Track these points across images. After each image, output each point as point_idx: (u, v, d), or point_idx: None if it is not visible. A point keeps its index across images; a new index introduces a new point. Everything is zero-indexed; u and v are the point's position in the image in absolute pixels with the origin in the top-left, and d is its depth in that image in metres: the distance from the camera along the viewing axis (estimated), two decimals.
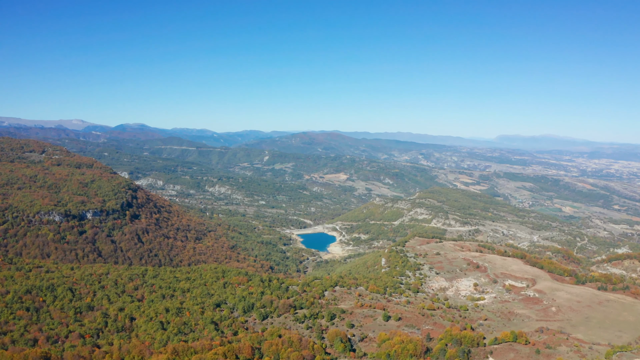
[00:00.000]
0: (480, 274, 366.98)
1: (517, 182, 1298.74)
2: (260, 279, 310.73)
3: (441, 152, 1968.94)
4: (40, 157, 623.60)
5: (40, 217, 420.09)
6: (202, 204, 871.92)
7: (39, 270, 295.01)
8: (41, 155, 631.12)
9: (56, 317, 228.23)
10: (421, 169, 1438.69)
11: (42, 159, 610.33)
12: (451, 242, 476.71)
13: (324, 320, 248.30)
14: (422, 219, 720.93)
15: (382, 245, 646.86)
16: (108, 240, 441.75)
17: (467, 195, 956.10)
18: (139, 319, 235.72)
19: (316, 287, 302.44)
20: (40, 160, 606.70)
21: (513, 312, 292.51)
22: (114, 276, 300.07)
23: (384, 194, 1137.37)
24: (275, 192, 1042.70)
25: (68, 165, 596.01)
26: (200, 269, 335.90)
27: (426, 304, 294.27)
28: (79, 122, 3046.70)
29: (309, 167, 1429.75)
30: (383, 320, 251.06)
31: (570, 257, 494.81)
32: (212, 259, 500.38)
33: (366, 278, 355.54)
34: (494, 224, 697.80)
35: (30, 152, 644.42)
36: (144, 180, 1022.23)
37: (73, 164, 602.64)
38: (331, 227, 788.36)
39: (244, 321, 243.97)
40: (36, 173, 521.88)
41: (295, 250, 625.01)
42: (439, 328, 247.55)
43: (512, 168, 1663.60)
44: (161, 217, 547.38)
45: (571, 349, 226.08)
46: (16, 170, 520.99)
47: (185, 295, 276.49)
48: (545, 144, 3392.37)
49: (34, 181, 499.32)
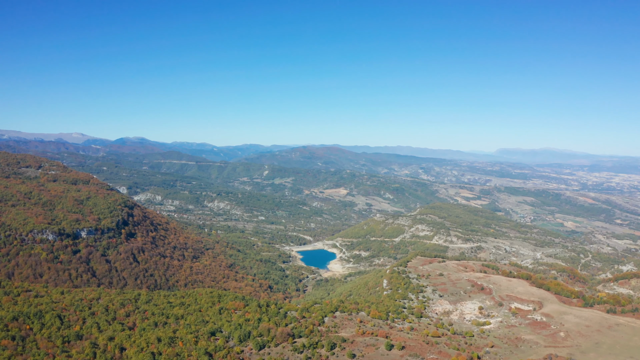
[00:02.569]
0: (485, 297, 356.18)
1: (518, 197, 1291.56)
2: (258, 304, 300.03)
3: (441, 166, 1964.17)
4: (37, 172, 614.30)
5: (34, 236, 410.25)
6: (200, 220, 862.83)
7: (27, 294, 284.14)
8: (37, 171, 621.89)
9: (43, 346, 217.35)
10: (422, 184, 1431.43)
11: (38, 175, 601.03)
12: (454, 262, 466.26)
13: (324, 350, 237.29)
14: (423, 235, 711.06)
15: (383, 263, 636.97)
16: (102, 260, 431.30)
17: (469, 210, 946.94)
18: (129, 350, 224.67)
19: (316, 313, 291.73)
20: (37, 175, 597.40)
21: (520, 337, 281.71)
22: (105, 301, 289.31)
23: (385, 209, 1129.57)
24: (275, 207, 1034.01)
25: (64, 181, 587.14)
26: (195, 294, 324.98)
27: (430, 330, 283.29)
28: (79, 135, 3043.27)
29: (309, 181, 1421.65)
30: (386, 350, 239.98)
31: (576, 277, 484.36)
32: (210, 278, 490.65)
33: (367, 302, 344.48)
34: (497, 240, 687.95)
35: (26, 167, 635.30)
36: (143, 195, 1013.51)
37: (69, 180, 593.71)
38: (331, 244, 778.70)
39: (239, 351, 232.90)
40: (31, 189, 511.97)
41: (295, 268, 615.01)
42: (444, 357, 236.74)
43: (512, 182, 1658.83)
44: (158, 235, 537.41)
45: None
46: (11, 187, 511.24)
47: (178, 323, 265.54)
48: (545, 157, 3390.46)
49: (29, 198, 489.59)
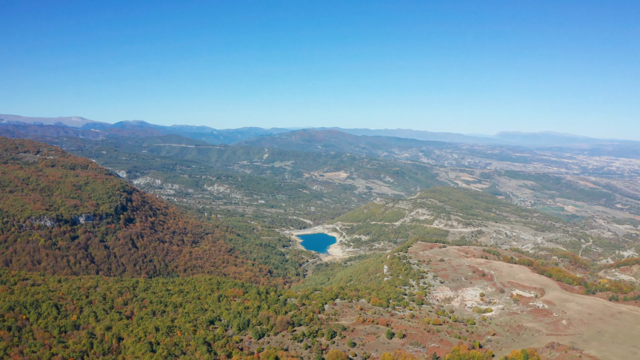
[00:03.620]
0: (486, 283, 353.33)
1: (518, 180, 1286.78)
2: (257, 291, 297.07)
3: (442, 150, 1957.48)
4: (35, 157, 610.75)
5: (32, 222, 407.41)
6: (200, 204, 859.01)
7: (24, 283, 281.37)
8: (36, 156, 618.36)
9: (39, 337, 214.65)
10: (422, 167, 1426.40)
11: (36, 160, 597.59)
12: (455, 247, 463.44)
13: (323, 338, 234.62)
14: (423, 219, 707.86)
15: (383, 247, 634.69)
16: (101, 246, 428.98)
17: (469, 194, 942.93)
18: (127, 339, 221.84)
19: (316, 300, 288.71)
20: (35, 161, 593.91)
21: (522, 325, 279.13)
22: (102, 290, 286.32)
23: (385, 193, 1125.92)
24: (275, 191, 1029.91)
25: (62, 166, 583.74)
26: (194, 281, 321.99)
27: (431, 317, 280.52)
28: (78, 119, 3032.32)
29: (309, 165, 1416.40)
30: (387, 338, 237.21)
31: (577, 262, 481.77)
32: (209, 263, 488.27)
33: (368, 289, 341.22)
34: (497, 224, 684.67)
35: (24, 152, 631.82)
36: (142, 179, 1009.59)
37: (67, 165, 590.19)
38: (331, 228, 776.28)
39: (238, 340, 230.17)
40: (29, 175, 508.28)
41: (295, 252, 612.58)
42: (446, 346, 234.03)
43: (513, 165, 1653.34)
44: (157, 220, 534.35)
45: None
46: (9, 172, 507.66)
47: (177, 311, 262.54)
48: (546, 141, 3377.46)
49: (27, 184, 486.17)
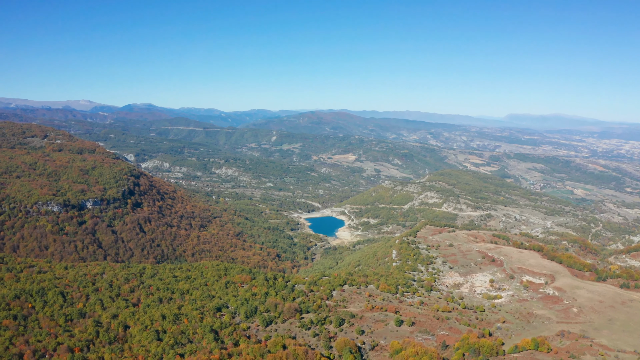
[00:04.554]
0: (496, 269, 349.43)
1: (527, 163, 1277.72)
2: (265, 277, 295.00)
3: (450, 132, 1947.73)
4: (42, 142, 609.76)
5: (39, 208, 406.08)
6: (208, 187, 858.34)
7: (30, 270, 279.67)
8: (43, 141, 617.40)
9: (45, 326, 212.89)
10: (430, 150, 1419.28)
11: (43, 145, 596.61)
12: (464, 232, 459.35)
13: (332, 326, 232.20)
14: (432, 202, 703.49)
15: (391, 231, 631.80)
16: (109, 231, 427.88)
17: (478, 177, 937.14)
18: (133, 328, 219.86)
19: (324, 286, 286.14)
20: (42, 145, 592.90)
21: (532, 312, 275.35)
22: (109, 276, 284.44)
23: (393, 175, 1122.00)
24: (283, 173, 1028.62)
25: (70, 150, 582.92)
26: (201, 267, 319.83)
27: (441, 304, 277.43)
28: (87, 102, 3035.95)
29: (317, 147, 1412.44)
30: (395, 326, 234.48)
31: (587, 248, 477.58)
32: (217, 247, 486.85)
33: (377, 275, 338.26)
34: (506, 208, 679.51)
35: (32, 137, 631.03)
36: (150, 162, 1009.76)
37: (75, 150, 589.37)
38: (339, 211, 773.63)
39: (246, 328, 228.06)
40: (36, 160, 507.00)
41: (303, 235, 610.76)
42: (455, 333, 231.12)
43: (522, 148, 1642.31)
44: (164, 204, 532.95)
45: (596, 358, 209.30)
46: (16, 157, 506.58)
47: (184, 298, 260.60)
48: (555, 123, 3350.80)
49: (34, 169, 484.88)
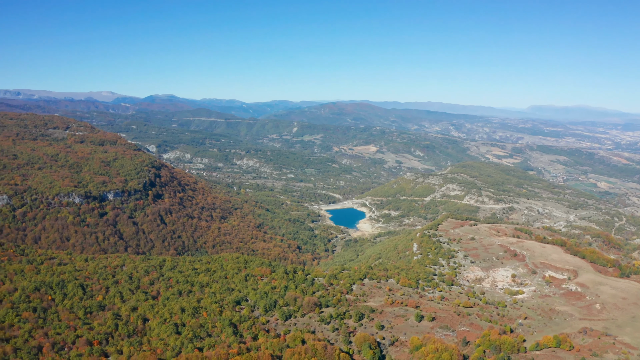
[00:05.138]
0: (518, 264, 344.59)
1: (550, 156, 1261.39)
2: (285, 271, 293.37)
3: (472, 123, 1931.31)
4: (64, 133, 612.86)
5: (60, 199, 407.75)
6: (229, 178, 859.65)
7: (51, 262, 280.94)
8: (65, 132, 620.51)
9: (64, 318, 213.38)
10: (452, 141, 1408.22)
11: (65, 136, 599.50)
12: (486, 226, 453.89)
13: (351, 320, 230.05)
14: (454, 195, 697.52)
15: (412, 223, 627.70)
16: (130, 222, 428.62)
17: (500, 169, 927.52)
18: (152, 321, 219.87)
19: (344, 280, 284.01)
20: (64, 137, 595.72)
21: (554, 309, 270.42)
22: (129, 269, 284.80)
23: (415, 167, 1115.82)
24: (304, 165, 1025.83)
25: (91, 142, 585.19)
26: (221, 259, 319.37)
27: (461, 299, 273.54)
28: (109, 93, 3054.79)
29: (338, 138, 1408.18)
30: (415, 321, 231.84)
31: (610, 242, 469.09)
32: (238, 239, 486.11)
33: (397, 268, 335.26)
34: (529, 201, 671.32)
35: (54, 128, 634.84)
36: (172, 153, 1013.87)
37: (96, 141, 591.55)
38: (360, 203, 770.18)
39: (265, 322, 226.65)
40: (58, 152, 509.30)
41: (324, 227, 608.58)
42: (476, 329, 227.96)
43: (545, 140, 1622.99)
44: (185, 196, 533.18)
45: (619, 357, 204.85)
46: (38, 149, 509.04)
47: (203, 291, 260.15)
48: (578, 115, 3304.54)
49: (55, 160, 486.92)
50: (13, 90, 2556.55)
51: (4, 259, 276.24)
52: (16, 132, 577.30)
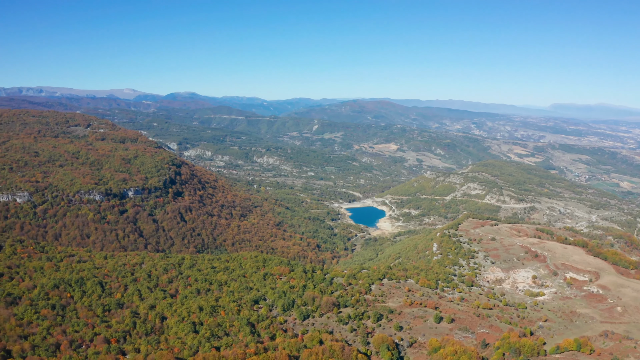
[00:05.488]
0: (539, 265, 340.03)
1: (572, 155, 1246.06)
2: (303, 270, 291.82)
3: (494, 121, 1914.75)
4: (85, 131, 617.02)
5: (81, 197, 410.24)
6: (249, 176, 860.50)
7: (70, 259, 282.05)
8: (86, 130, 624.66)
9: (83, 316, 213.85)
10: (473, 139, 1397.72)
11: (86, 134, 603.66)
12: (507, 226, 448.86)
13: (369, 321, 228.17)
14: (475, 194, 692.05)
15: (433, 222, 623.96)
16: (150, 220, 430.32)
17: (522, 168, 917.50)
18: (170, 319, 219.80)
19: (363, 280, 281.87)
20: (85, 134, 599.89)
21: (575, 311, 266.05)
22: (148, 267, 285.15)
23: (435, 166, 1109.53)
24: (324, 162, 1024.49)
25: (112, 139, 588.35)
26: (240, 257, 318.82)
27: (481, 301, 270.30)
28: (130, 91, 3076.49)
29: (359, 136, 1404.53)
30: (434, 322, 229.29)
31: (633, 244, 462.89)
32: (257, 237, 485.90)
33: (417, 269, 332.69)
34: (550, 201, 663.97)
35: (75, 126, 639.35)
36: (193, 150, 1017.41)
37: (117, 139, 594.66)
38: (380, 201, 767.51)
39: (282, 321, 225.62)
40: (79, 149, 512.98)
41: (344, 226, 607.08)
42: (496, 332, 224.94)
43: (567, 139, 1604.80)
44: (205, 193, 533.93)
45: None
46: (59, 147, 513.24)
47: (222, 290, 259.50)
48: (600, 114, 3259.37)
49: (76, 158, 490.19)
50: (35, 87, 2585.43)
51: (24, 256, 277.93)
52: (38, 130, 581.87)
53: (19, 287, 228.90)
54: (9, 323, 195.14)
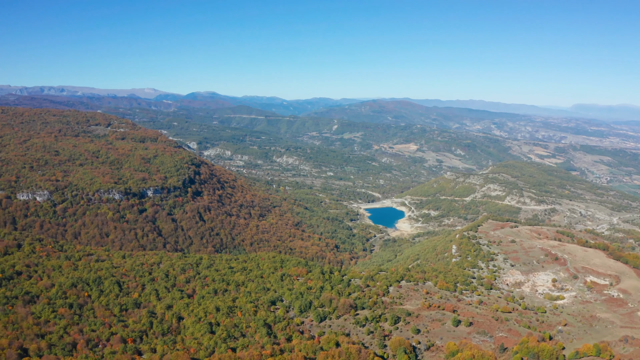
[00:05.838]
0: (559, 268, 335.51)
1: (594, 156, 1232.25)
2: (321, 271, 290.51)
3: (515, 122, 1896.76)
4: (106, 130, 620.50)
5: (100, 196, 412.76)
6: (269, 176, 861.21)
7: (89, 258, 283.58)
8: (106, 129, 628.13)
9: (100, 315, 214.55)
10: (494, 140, 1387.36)
11: (107, 133, 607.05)
12: (527, 228, 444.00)
13: (387, 323, 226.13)
14: (495, 195, 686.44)
15: (452, 223, 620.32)
16: (169, 219, 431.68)
17: (543, 170, 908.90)
18: (187, 319, 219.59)
19: (380, 282, 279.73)
20: (105, 134, 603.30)
21: (595, 316, 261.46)
22: (166, 266, 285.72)
23: (455, 166, 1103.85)
24: (344, 163, 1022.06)
25: (132, 139, 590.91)
26: (257, 258, 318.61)
27: (500, 304, 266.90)
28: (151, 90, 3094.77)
29: (379, 136, 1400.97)
30: (452, 326, 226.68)
31: None
32: (276, 237, 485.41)
33: (435, 271, 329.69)
34: (571, 203, 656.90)
35: (96, 125, 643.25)
36: (212, 150, 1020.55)
37: (137, 138, 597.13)
38: (400, 202, 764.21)
39: (299, 323, 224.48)
40: (99, 148, 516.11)
41: (362, 227, 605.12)
42: (514, 336, 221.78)
43: (588, 140, 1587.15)
44: (224, 193, 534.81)
45: None
46: (79, 146, 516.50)
47: (239, 290, 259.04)
48: (622, 114, 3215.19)
49: (96, 157, 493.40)
50: (57, 86, 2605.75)
51: (42, 254, 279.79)
52: (58, 129, 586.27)
53: (37, 285, 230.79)
54: (26, 322, 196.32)
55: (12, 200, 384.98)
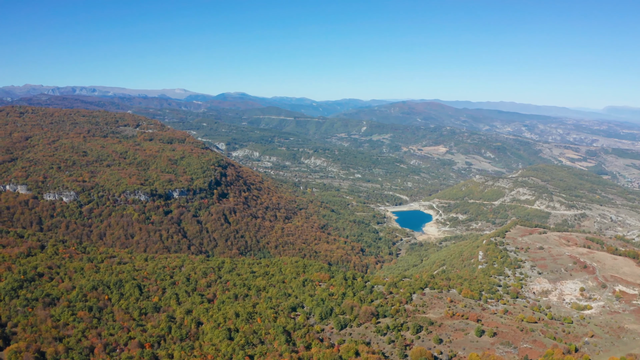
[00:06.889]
0: (587, 276, 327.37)
1: (626, 160, 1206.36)
2: (344, 277, 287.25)
3: (545, 124, 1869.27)
4: (134, 131, 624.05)
5: (126, 197, 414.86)
6: (296, 177, 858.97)
7: (111, 261, 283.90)
8: (135, 130, 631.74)
9: (119, 319, 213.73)
10: (524, 143, 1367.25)
11: (135, 134, 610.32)
12: (556, 234, 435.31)
13: (408, 332, 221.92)
14: (524, 199, 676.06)
15: (480, 228, 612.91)
16: (194, 221, 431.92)
17: (573, 173, 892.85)
18: (206, 325, 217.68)
19: (404, 289, 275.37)
20: (134, 134, 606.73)
21: (623, 327, 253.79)
22: (187, 270, 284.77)
23: (485, 169, 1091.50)
24: (372, 165, 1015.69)
25: (160, 140, 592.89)
26: (280, 262, 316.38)
27: (526, 314, 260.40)
28: (182, 91, 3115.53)
29: (407, 138, 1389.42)
30: (476, 336, 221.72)
31: None
32: (301, 240, 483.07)
33: (460, 278, 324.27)
34: (602, 208, 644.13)
35: (124, 126, 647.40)
36: (241, 151, 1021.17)
37: (165, 139, 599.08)
38: (427, 205, 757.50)
39: (319, 330, 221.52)
40: (127, 149, 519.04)
41: (389, 230, 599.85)
42: (539, 347, 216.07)
43: (620, 143, 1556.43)
44: (250, 195, 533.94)
45: None
46: (107, 146, 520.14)
47: (259, 295, 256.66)
48: None
49: (124, 158, 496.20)
50: (89, 87, 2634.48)
51: (65, 256, 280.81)
52: (87, 129, 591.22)
53: (58, 287, 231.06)
54: (45, 324, 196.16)
55: (38, 200, 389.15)
